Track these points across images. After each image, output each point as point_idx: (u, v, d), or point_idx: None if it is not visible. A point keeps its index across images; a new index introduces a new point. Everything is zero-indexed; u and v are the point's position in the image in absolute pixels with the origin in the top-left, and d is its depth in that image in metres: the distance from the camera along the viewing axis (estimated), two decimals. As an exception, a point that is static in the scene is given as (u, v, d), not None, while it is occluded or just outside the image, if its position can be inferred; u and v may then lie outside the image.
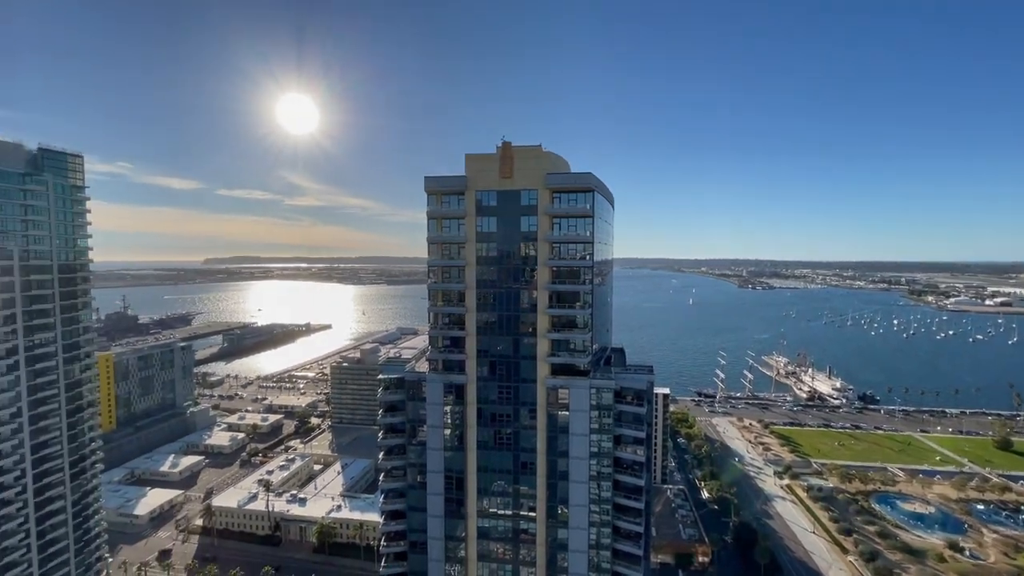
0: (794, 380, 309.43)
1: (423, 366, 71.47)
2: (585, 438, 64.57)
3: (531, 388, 65.63)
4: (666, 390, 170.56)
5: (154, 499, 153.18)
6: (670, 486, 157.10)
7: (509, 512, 67.80)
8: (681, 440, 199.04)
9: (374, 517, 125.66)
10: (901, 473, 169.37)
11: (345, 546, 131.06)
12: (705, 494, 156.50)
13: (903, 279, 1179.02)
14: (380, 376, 72.78)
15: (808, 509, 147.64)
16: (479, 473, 67.76)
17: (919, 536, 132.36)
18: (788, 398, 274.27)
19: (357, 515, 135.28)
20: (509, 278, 65.83)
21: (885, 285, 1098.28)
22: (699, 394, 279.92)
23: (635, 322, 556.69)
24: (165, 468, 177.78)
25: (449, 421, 68.20)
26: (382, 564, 74.26)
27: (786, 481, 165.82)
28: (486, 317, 66.37)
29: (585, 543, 65.53)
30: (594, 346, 67.73)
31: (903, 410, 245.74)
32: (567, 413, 64.94)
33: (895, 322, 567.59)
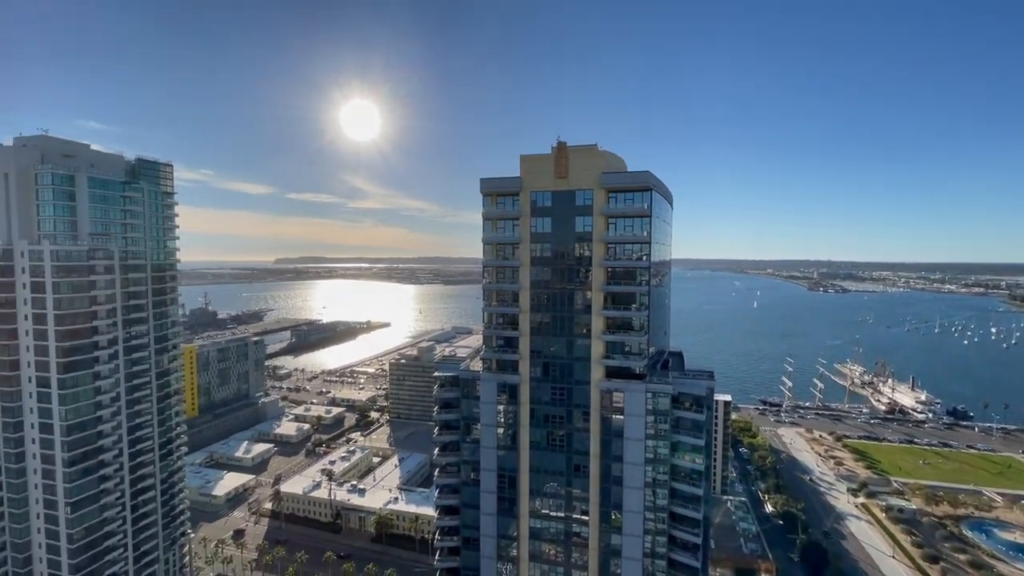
0: (871, 391, 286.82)
1: (477, 365, 72.49)
2: (640, 443, 63.04)
3: (585, 390, 64.93)
4: (727, 397, 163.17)
5: (230, 482, 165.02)
6: (731, 497, 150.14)
7: (561, 514, 67.39)
8: (743, 450, 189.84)
9: (429, 511, 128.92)
10: (999, 498, 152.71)
11: (401, 537, 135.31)
12: (769, 508, 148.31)
13: (1003, 283, 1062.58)
14: (436, 374, 74.59)
15: (887, 531, 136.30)
16: (531, 473, 67.84)
17: (1020, 569, 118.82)
18: (864, 410, 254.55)
19: (413, 508, 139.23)
20: (563, 279, 65.50)
21: (981, 289, 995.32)
22: (763, 402, 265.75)
23: (694, 325, 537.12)
24: (239, 454, 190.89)
25: (502, 420, 68.78)
26: (436, 557, 76.02)
27: (861, 499, 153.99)
28: (540, 318, 66.37)
29: (639, 551, 63.92)
30: (650, 349, 65.99)
31: (1002, 428, 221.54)
32: (622, 417, 63.68)
33: (993, 330, 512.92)
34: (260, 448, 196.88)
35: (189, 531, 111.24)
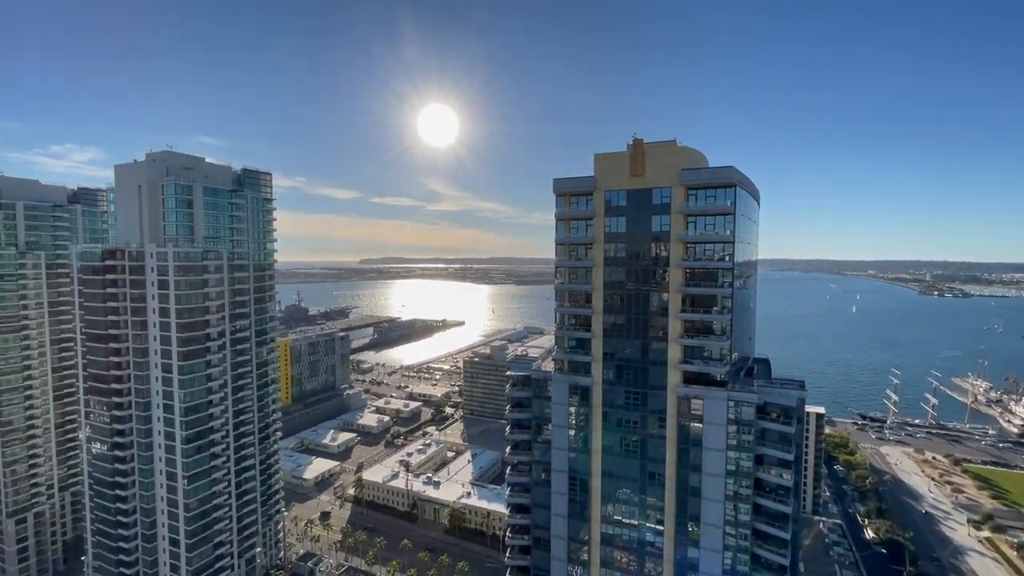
0: (999, 410, 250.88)
1: (549, 365, 72.41)
2: (721, 454, 59.74)
3: (660, 395, 62.65)
4: (820, 409, 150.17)
5: (318, 467, 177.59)
6: (823, 519, 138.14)
7: (634, 521, 65.51)
8: (839, 468, 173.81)
9: (500, 508, 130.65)
10: None
11: (473, 531, 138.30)
12: (869, 533, 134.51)
13: None
14: (508, 373, 75.41)
15: (1018, 572, 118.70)
16: (604, 478, 66.58)
17: None
18: (990, 431, 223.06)
19: (484, 504, 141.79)
20: (638, 280, 63.66)
21: None
22: (864, 417, 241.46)
23: (783, 331, 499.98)
24: (326, 441, 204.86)
25: (574, 422, 68.13)
26: (507, 555, 76.84)
27: (985, 533, 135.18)
28: (613, 319, 64.97)
29: (719, 568, 60.60)
30: (733, 355, 62.38)
31: None
32: (700, 425, 60.74)
33: None
34: (344, 437, 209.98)
35: (283, 510, 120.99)
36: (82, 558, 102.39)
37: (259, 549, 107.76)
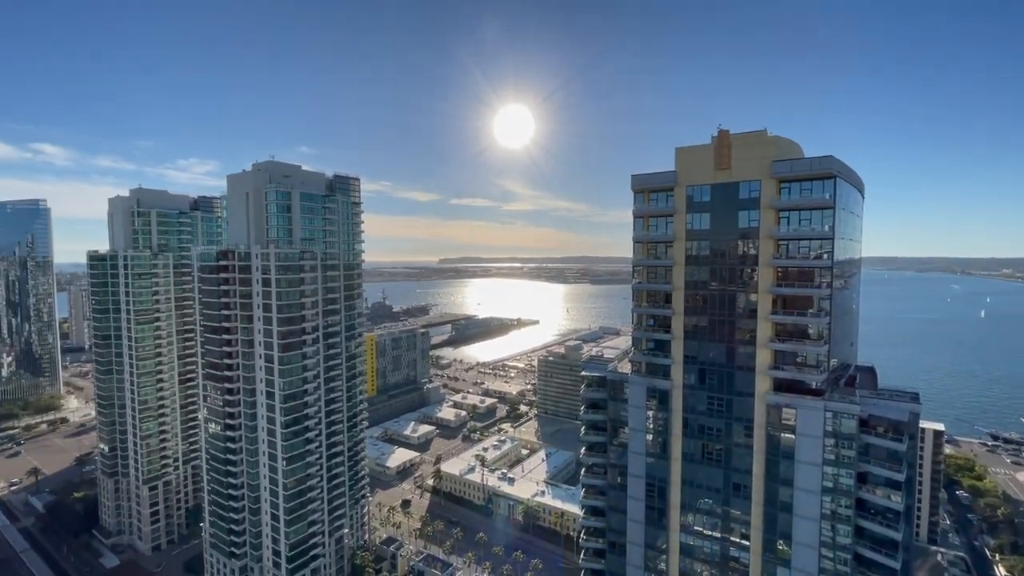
0: None
1: (626, 367, 70.54)
2: (816, 468, 54.96)
3: (747, 403, 58.80)
4: (939, 426, 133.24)
5: (400, 456, 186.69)
6: (942, 550, 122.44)
7: (717, 534, 62.08)
8: (962, 493, 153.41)
9: (574, 508, 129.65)
10: None
11: (546, 530, 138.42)
12: (1001, 571, 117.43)
13: None
14: (582, 373, 74.47)
15: None
16: (683, 486, 63.73)
17: None
18: None
19: (559, 503, 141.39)
20: (723, 279, 60.11)
21: None
22: (996, 437, 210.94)
23: (891, 337, 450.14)
24: (408, 432, 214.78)
25: (652, 427, 65.87)
26: (581, 557, 76.00)
27: None
28: (696, 321, 61.94)
29: (813, 592, 55.74)
30: (831, 361, 57.18)
31: None
32: (792, 436, 56.25)
33: None
34: (424, 429, 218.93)
35: (368, 495, 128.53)
36: (200, 524, 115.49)
37: (347, 530, 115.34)
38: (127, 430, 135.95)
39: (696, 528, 63.50)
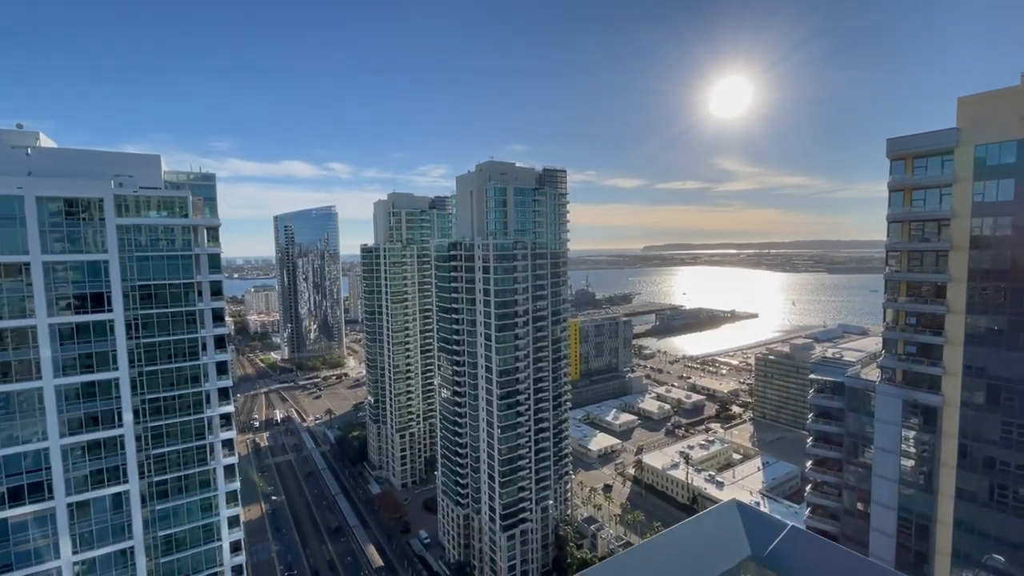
0: None
1: (872, 373, 58.51)
2: None
3: (1073, 437, 42.87)
4: None
5: (601, 441, 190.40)
6: None
7: (1012, 603, 47.28)
8: None
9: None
10: None
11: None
12: None
13: None
14: (812, 376, 64.42)
15: None
16: (957, 530, 50.19)
17: None
18: None
19: (778, 519, 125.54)
20: (1035, 267, 44.64)
21: None
22: None
23: None
24: (609, 419, 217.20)
25: (911, 450, 53.37)
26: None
27: None
28: (983, 321, 47.65)
29: None
30: None
31: None
32: None
33: None
34: (626, 417, 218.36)
35: (571, 472, 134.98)
36: (435, 472, 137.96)
37: (551, 502, 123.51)
38: (385, 387, 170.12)
39: (977, 587, 49.45)
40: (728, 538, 10.89)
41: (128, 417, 56.64)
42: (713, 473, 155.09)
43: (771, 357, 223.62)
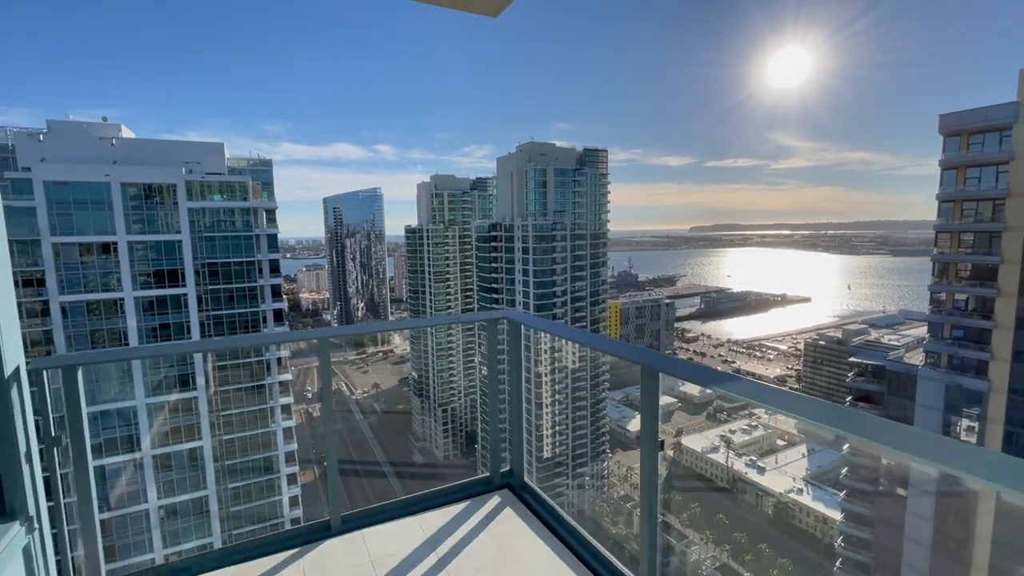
0: None
1: (916, 357, 57.10)
2: None
3: None
4: None
5: (639, 422, 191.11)
6: None
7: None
8: None
9: (838, 515, 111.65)
10: None
11: (800, 532, 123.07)
12: None
13: None
14: (851, 359, 63.36)
15: None
16: (996, 517, 49.07)
17: None
18: None
19: (820, 507, 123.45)
20: (1098, 249, 42.45)
21: None
22: None
23: None
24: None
25: (952, 435, 52.16)
26: (836, 566, 66.67)
27: None
28: (1038, 305, 45.73)
29: None
30: None
31: None
32: None
33: None
34: (665, 400, 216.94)
35: (608, 451, 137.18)
36: (475, 446, 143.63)
37: (588, 477, 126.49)
38: (428, 364, 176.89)
39: None
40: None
41: (200, 381, 63.29)
42: (755, 458, 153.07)
43: (821, 342, 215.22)
